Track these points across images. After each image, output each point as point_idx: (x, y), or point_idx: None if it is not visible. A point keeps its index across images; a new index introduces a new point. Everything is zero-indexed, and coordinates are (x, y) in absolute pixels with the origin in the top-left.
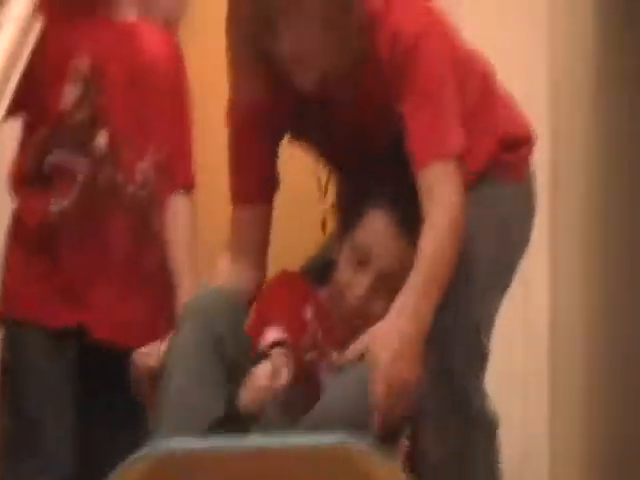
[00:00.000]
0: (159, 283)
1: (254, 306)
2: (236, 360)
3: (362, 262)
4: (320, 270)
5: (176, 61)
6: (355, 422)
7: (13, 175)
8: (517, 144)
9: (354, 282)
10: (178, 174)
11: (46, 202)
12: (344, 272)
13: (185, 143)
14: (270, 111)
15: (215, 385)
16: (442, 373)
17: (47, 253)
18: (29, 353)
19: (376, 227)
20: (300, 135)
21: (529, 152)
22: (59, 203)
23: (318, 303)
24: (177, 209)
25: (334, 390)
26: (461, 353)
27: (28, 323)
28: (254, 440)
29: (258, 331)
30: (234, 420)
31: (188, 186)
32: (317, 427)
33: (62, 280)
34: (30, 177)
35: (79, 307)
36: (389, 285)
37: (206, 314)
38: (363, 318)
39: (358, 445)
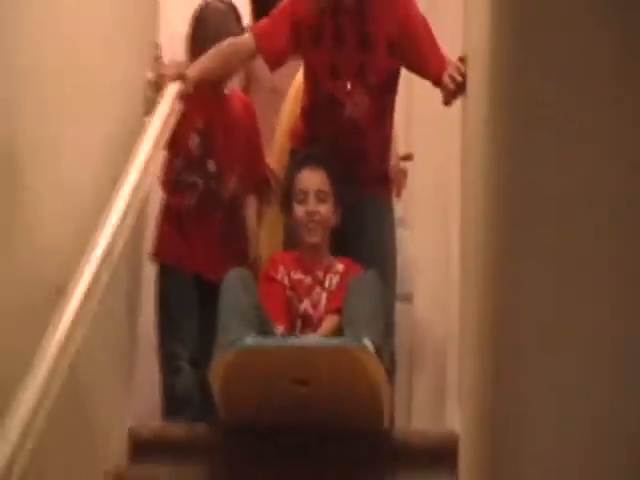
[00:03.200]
0: (240, 246)
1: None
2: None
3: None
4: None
5: (250, 113)
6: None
7: (161, 182)
8: None
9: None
10: (253, 183)
11: (181, 200)
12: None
13: (259, 165)
14: (317, 16)
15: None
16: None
17: (180, 229)
18: (173, 284)
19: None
20: (320, 44)
21: None
22: (188, 201)
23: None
24: (251, 207)
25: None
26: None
27: (171, 267)
28: (295, 340)
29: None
30: None
31: (257, 193)
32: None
33: (187, 246)
34: (171, 185)
35: (197, 262)
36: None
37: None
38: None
39: (356, 344)
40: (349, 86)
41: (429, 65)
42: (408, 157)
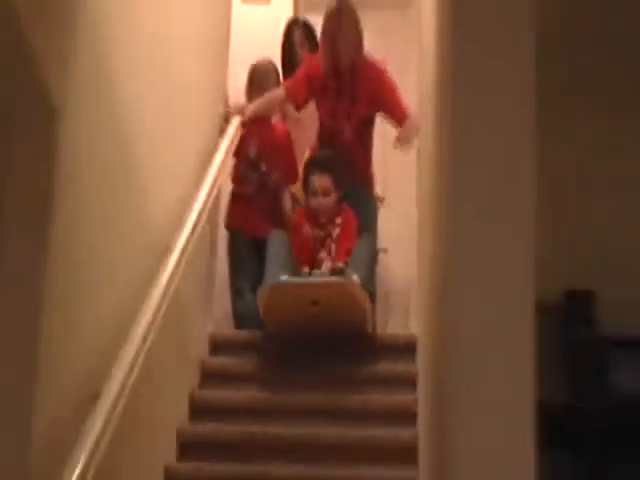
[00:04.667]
0: (281, 217)
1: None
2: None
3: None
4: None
5: (287, 136)
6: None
7: (231, 177)
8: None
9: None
10: (291, 180)
11: (241, 188)
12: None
13: (293, 168)
14: (324, 77)
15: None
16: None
17: (243, 207)
18: (238, 243)
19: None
20: (326, 97)
21: None
22: (246, 190)
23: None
24: (287, 193)
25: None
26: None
27: (234, 231)
28: (310, 277)
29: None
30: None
31: (292, 184)
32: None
33: (248, 218)
34: (237, 179)
35: (257, 228)
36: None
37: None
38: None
39: (349, 281)
40: (341, 124)
41: (395, 115)
42: (381, 200)
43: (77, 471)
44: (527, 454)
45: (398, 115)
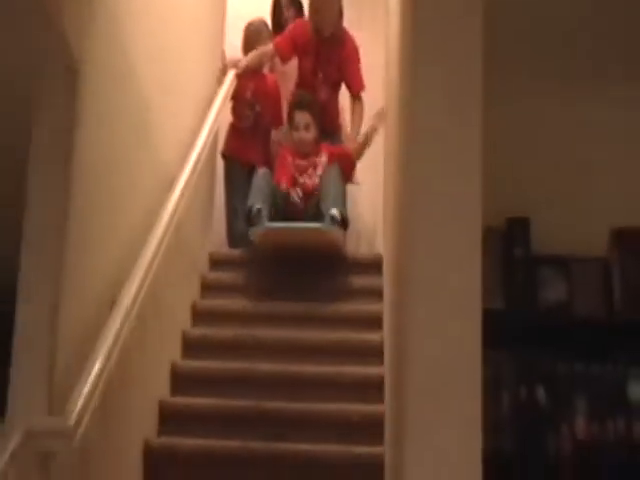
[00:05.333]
0: (269, 156)
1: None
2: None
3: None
4: None
5: (276, 85)
6: (340, 191)
7: (232, 112)
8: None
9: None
10: (277, 123)
11: (240, 123)
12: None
13: (279, 112)
14: (308, 41)
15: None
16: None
17: (240, 136)
18: (234, 169)
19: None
20: (308, 56)
21: None
22: (244, 124)
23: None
24: (274, 133)
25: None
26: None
27: (231, 158)
28: (295, 224)
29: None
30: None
31: (278, 127)
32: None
33: (243, 145)
34: (237, 114)
35: (250, 155)
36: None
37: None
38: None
39: (328, 227)
40: (321, 81)
41: (353, 85)
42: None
43: (97, 364)
44: (474, 351)
45: (354, 85)
